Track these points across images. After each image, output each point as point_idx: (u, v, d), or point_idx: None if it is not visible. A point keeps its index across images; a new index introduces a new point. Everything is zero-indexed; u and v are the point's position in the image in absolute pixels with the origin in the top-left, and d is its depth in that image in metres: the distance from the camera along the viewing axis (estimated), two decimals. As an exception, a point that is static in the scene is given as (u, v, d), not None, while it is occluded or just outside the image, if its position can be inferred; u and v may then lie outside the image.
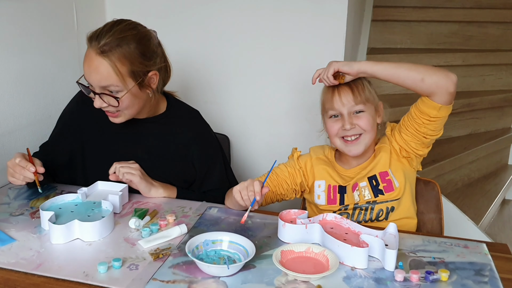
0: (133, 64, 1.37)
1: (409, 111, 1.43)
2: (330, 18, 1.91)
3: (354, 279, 1.10)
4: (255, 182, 1.31)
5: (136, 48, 1.38)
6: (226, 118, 2.15)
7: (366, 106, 1.43)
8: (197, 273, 1.11)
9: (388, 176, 1.44)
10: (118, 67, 1.35)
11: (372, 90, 1.45)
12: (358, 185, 1.45)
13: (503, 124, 3.20)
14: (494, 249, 1.25)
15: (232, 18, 2.03)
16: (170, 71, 1.53)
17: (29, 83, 1.77)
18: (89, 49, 1.37)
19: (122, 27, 1.38)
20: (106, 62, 1.34)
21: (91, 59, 1.36)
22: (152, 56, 1.42)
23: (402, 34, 3.02)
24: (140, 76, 1.40)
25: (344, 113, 1.42)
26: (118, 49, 1.35)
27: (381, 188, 1.43)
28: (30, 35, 1.75)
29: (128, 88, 1.39)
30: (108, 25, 1.39)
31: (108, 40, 1.34)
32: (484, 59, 3.02)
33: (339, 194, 1.47)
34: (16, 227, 1.31)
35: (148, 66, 1.41)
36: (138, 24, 1.44)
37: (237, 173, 2.13)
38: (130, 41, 1.37)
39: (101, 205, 1.38)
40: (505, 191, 3.02)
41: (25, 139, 1.75)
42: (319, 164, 1.52)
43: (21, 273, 1.11)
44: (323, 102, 1.48)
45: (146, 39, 1.42)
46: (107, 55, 1.34)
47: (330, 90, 1.45)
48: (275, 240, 1.27)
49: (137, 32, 1.40)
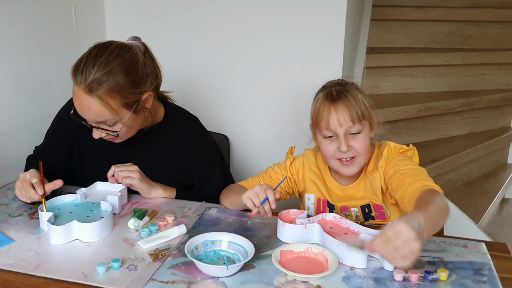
0: (124, 96, 1.32)
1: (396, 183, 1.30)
2: (329, 18, 1.91)
3: (354, 279, 1.10)
4: (269, 191, 1.26)
5: (125, 78, 1.31)
6: (225, 118, 2.14)
7: (363, 124, 1.35)
8: (196, 274, 1.11)
9: (382, 209, 1.42)
10: (110, 103, 1.30)
11: (366, 103, 1.37)
12: (349, 209, 1.44)
13: (502, 123, 3.19)
14: (493, 248, 1.25)
15: (231, 18, 2.02)
16: (160, 73, 1.47)
17: (28, 84, 1.76)
18: (75, 86, 1.30)
19: (106, 57, 1.30)
20: (96, 101, 1.29)
21: (80, 99, 1.30)
22: (142, 80, 1.36)
23: (401, 34, 3.02)
24: (134, 103, 1.35)
25: (340, 134, 1.34)
26: (105, 84, 1.28)
27: (373, 215, 1.42)
28: (29, 35, 1.75)
29: (124, 119, 1.35)
30: (91, 56, 1.30)
31: (93, 76, 1.27)
32: (483, 58, 3.02)
33: (328, 208, 1.46)
34: (15, 228, 1.31)
35: (140, 93, 1.36)
36: (120, 46, 1.34)
37: (237, 173, 2.13)
38: (117, 73, 1.29)
39: (100, 206, 1.38)
40: (505, 190, 3.02)
41: (23, 139, 1.75)
42: (311, 177, 1.49)
43: (19, 274, 1.11)
44: (317, 120, 1.38)
45: (133, 64, 1.33)
46: (96, 93, 1.28)
47: (326, 107, 1.35)
48: (275, 240, 1.27)
49: (122, 60, 1.31)
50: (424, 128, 2.87)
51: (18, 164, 1.67)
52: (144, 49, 1.42)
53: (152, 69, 1.41)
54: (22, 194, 1.34)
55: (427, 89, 2.96)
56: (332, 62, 1.94)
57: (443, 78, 2.98)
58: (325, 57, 1.95)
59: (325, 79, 1.48)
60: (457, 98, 2.87)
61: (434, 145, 2.84)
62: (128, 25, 2.13)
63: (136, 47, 1.38)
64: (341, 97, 1.35)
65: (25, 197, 1.34)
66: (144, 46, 1.43)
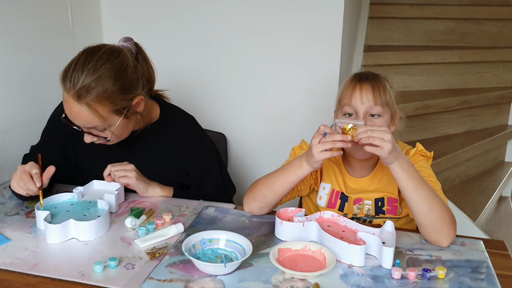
0: (114, 103, 1.30)
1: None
2: (326, 16, 1.90)
3: (351, 276, 1.10)
4: (327, 127, 1.23)
5: (114, 85, 1.28)
6: (223, 116, 2.14)
7: (384, 110, 1.35)
8: (194, 272, 1.10)
9: (396, 203, 1.41)
10: (99, 110, 1.28)
11: (392, 95, 1.39)
12: (362, 201, 1.43)
13: (500, 121, 3.20)
14: (491, 246, 1.25)
15: (228, 16, 2.02)
16: (153, 74, 1.45)
17: (24, 82, 1.76)
18: (64, 92, 1.29)
19: (94, 63, 1.27)
20: (85, 108, 1.27)
21: (69, 105, 1.29)
22: (132, 85, 1.33)
23: (399, 31, 3.02)
24: (124, 109, 1.33)
25: (360, 113, 1.34)
26: (94, 91, 1.26)
27: (384, 209, 1.42)
28: (25, 33, 1.74)
29: (115, 125, 1.34)
30: (80, 61, 1.28)
31: (82, 83, 1.25)
32: (481, 56, 3.02)
33: (340, 200, 1.45)
34: (11, 227, 1.31)
35: (130, 98, 1.34)
36: (110, 51, 1.31)
37: (234, 171, 2.13)
38: (106, 79, 1.27)
39: (97, 205, 1.37)
40: (502, 188, 3.02)
41: (19, 138, 1.74)
42: (328, 166, 1.48)
43: (16, 273, 1.10)
44: (341, 97, 1.39)
45: (122, 69, 1.31)
46: (84, 100, 1.26)
47: (352, 85, 1.37)
48: (272, 238, 1.27)
49: (111, 66, 1.28)
50: (422, 126, 2.87)
51: (14, 163, 1.66)
52: (137, 50, 1.40)
53: (145, 70, 1.40)
54: (20, 185, 1.32)
55: (425, 87, 2.96)
56: (330, 60, 1.94)
57: (441, 76, 2.98)
58: (323, 55, 1.95)
59: (323, 77, 1.47)
60: (455, 96, 2.87)
61: (432, 143, 2.84)
62: (124, 23, 2.12)
63: (127, 50, 1.36)
64: (369, 78, 1.38)
65: (22, 188, 1.32)
66: (137, 47, 1.40)
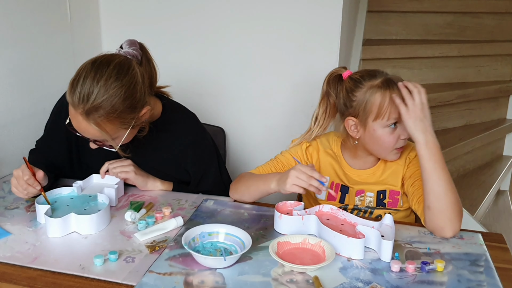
0: (123, 121, 1.29)
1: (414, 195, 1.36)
2: (325, 10, 1.90)
3: (351, 269, 1.11)
4: (314, 172, 1.24)
5: (123, 104, 1.26)
6: (221, 110, 2.14)
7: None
8: (194, 265, 1.11)
9: (398, 196, 1.42)
10: (107, 128, 1.27)
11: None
12: (364, 192, 1.44)
13: (498, 115, 3.20)
14: (489, 239, 1.26)
15: (227, 10, 2.01)
16: (156, 74, 1.44)
17: (22, 76, 1.75)
18: (71, 107, 1.26)
19: (104, 81, 1.23)
20: (93, 126, 1.26)
21: (77, 121, 1.27)
22: (140, 101, 1.31)
23: (397, 25, 3.01)
24: (131, 122, 1.32)
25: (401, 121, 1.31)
26: (104, 111, 1.24)
27: (385, 202, 1.42)
28: (23, 27, 1.73)
29: (122, 137, 1.34)
30: (89, 78, 1.23)
31: (91, 103, 1.22)
32: (480, 50, 3.01)
33: (340, 193, 1.46)
34: (12, 220, 1.31)
35: (138, 113, 1.33)
36: (120, 66, 1.27)
37: (233, 165, 2.14)
38: (116, 98, 1.24)
39: (97, 199, 1.38)
40: (500, 182, 3.03)
41: (19, 133, 1.74)
42: (326, 159, 1.48)
43: (17, 266, 1.11)
44: (379, 110, 1.31)
45: (132, 87, 1.28)
46: (93, 118, 1.24)
47: (388, 94, 1.30)
48: (272, 231, 1.27)
49: (121, 85, 1.25)
50: (420, 120, 2.86)
51: (13, 157, 1.66)
52: (142, 52, 1.38)
53: (148, 72, 1.38)
54: (19, 191, 1.34)
55: (423, 81, 2.95)
56: (329, 54, 1.94)
57: (439, 70, 2.97)
58: (322, 49, 1.94)
59: (322, 71, 1.47)
60: (453, 90, 2.86)
61: (430, 136, 2.84)
62: (123, 18, 2.11)
63: (135, 62, 1.32)
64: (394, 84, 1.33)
65: (22, 193, 1.34)
66: (141, 49, 1.38)
